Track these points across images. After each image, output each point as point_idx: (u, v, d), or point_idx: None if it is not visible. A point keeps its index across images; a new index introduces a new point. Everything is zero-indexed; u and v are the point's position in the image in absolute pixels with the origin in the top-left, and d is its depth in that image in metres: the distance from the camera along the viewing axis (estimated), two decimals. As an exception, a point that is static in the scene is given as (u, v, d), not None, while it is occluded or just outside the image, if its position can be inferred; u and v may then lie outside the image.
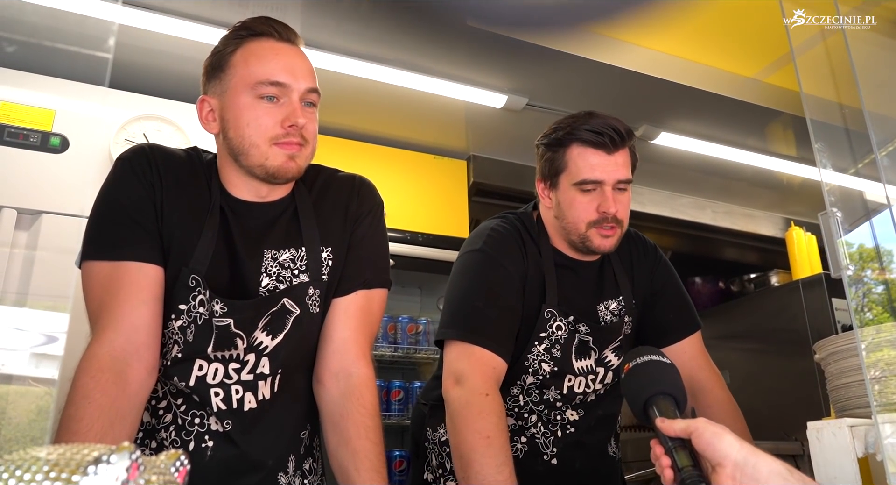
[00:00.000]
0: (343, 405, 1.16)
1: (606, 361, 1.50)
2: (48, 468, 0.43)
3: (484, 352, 1.34)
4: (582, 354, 1.47)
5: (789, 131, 3.23)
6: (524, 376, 1.45)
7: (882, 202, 1.22)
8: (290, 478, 1.19)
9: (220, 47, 1.19)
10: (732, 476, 0.78)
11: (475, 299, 1.41)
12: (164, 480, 0.48)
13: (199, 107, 1.20)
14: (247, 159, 1.14)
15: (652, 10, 2.34)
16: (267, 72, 1.12)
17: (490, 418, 1.26)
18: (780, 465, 0.77)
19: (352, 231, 1.26)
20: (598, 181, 1.40)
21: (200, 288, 1.11)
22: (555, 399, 1.47)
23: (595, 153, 1.41)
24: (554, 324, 1.44)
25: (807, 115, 1.08)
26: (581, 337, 1.47)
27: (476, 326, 1.37)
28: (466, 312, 1.40)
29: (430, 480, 1.53)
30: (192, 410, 1.13)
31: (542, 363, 1.43)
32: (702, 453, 0.83)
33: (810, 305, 3.19)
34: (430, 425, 1.56)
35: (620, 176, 1.41)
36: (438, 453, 1.53)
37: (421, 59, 2.61)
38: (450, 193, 3.30)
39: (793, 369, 3.08)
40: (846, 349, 1.21)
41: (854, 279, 1.38)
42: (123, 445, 0.45)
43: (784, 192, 3.86)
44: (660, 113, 3.05)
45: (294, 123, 1.12)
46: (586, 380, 1.48)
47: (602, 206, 1.40)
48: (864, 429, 1.03)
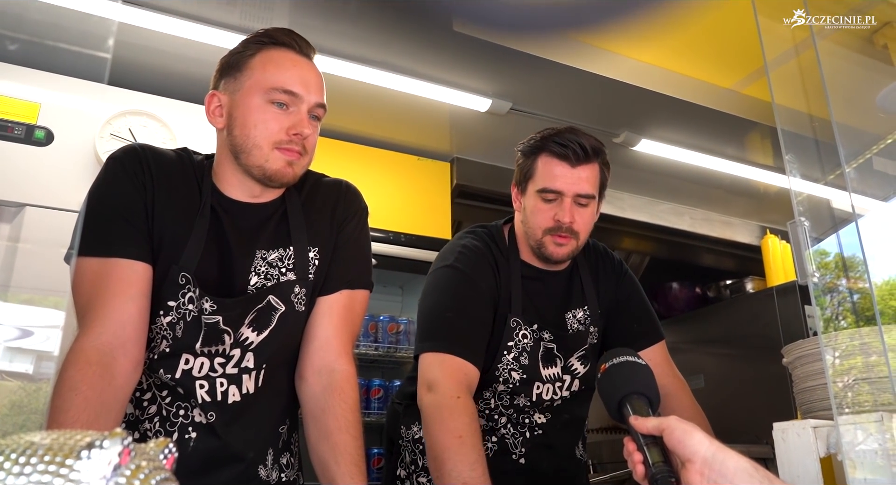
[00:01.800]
0: (325, 400, 1.19)
1: (572, 369, 1.55)
2: (43, 452, 0.44)
3: (455, 359, 1.39)
4: (548, 362, 1.52)
5: (767, 141, 3.30)
6: (495, 385, 1.50)
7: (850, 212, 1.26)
8: (268, 471, 1.22)
9: (240, 49, 1.23)
10: (701, 472, 0.82)
11: (446, 312, 1.46)
12: (154, 465, 0.50)
13: (208, 100, 1.23)
14: (247, 158, 1.17)
15: (635, 22, 2.39)
16: (282, 80, 1.17)
17: (462, 419, 1.29)
18: (747, 462, 0.80)
19: (337, 233, 1.30)
20: (558, 191, 1.47)
21: (190, 286, 1.14)
22: (524, 405, 1.52)
23: (559, 164, 1.48)
24: (520, 333, 1.49)
25: (778, 126, 1.12)
26: (546, 345, 1.52)
27: (447, 337, 1.42)
28: (438, 325, 1.45)
29: (403, 476, 1.56)
30: (176, 402, 1.15)
31: (511, 372, 1.48)
32: (672, 450, 0.86)
33: (783, 312, 3.26)
34: (404, 423, 1.60)
35: (580, 190, 1.47)
36: (412, 450, 1.56)
37: (407, 61, 2.64)
38: (433, 195, 3.33)
39: (765, 374, 3.13)
40: (812, 353, 1.25)
41: (829, 288, 1.43)
42: (116, 431, 0.46)
43: (760, 200, 3.93)
44: (641, 121, 3.10)
45: (299, 132, 1.16)
46: (553, 387, 1.53)
47: (558, 215, 1.46)
48: (827, 430, 1.08)
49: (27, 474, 0.43)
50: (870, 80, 1.81)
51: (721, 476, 0.80)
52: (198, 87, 2.65)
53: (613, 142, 3.16)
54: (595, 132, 1.53)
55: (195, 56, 2.55)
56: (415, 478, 1.54)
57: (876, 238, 1.69)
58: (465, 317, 1.45)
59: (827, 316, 1.40)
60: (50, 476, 0.43)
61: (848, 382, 1.14)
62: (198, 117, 2.52)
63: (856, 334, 1.17)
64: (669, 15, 2.34)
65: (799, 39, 1.40)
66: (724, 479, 0.79)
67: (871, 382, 1.12)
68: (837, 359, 1.15)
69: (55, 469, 0.43)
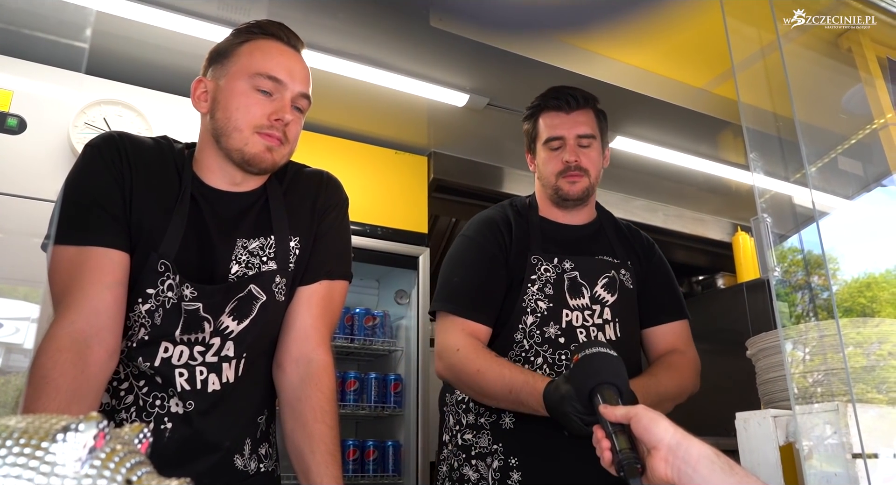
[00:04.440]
0: (301, 389, 1.20)
1: (600, 297, 1.58)
2: (18, 435, 0.44)
3: (457, 320, 1.53)
4: (575, 293, 1.56)
5: (738, 140, 3.36)
6: (524, 318, 1.54)
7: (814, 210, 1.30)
8: (245, 461, 1.22)
9: (231, 38, 1.25)
10: (665, 459, 0.85)
11: (452, 276, 1.61)
12: (129, 450, 0.51)
13: (194, 86, 1.24)
14: (227, 141, 1.18)
15: (611, 22, 2.43)
16: (268, 66, 1.19)
17: (469, 362, 1.44)
18: (709, 449, 0.84)
19: (318, 223, 1.30)
20: (560, 137, 1.61)
21: (170, 273, 1.14)
22: (556, 335, 1.53)
23: (556, 115, 1.63)
24: (541, 268, 1.57)
25: (743, 124, 1.15)
26: (568, 276, 1.57)
27: (451, 298, 1.56)
28: (445, 288, 1.60)
29: (447, 439, 1.64)
30: (153, 391, 1.15)
31: (538, 302, 1.54)
32: (639, 437, 0.90)
33: (753, 307, 3.33)
34: (449, 391, 1.68)
35: (580, 131, 1.61)
36: (455, 411, 1.63)
37: (385, 55, 2.64)
38: (410, 189, 3.34)
39: (734, 368, 3.18)
40: (773, 346, 1.29)
41: (799, 285, 1.47)
42: (91, 414, 0.47)
43: (732, 198, 4.00)
44: (616, 118, 3.13)
45: (281, 117, 1.18)
46: (583, 315, 1.55)
47: (564, 157, 1.59)
48: (786, 419, 1.12)
49: (2, 456, 0.43)
50: (835, 82, 1.86)
51: (684, 463, 0.83)
52: (175, 77, 2.63)
53: (589, 138, 3.20)
54: None
55: (173, 46, 2.53)
56: (459, 437, 1.59)
57: (843, 236, 1.74)
58: (469, 279, 1.58)
59: (798, 313, 1.44)
60: (25, 458, 0.43)
61: (806, 373, 1.18)
62: (174, 107, 2.50)
63: (815, 328, 1.21)
64: (645, 16, 2.37)
65: (766, 42, 1.43)
66: (687, 465, 0.83)
67: (828, 374, 1.16)
68: (797, 351, 1.19)
69: (30, 452, 0.43)
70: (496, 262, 1.58)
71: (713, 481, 0.80)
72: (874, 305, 1.80)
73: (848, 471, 1.00)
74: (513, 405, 1.40)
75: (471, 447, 1.55)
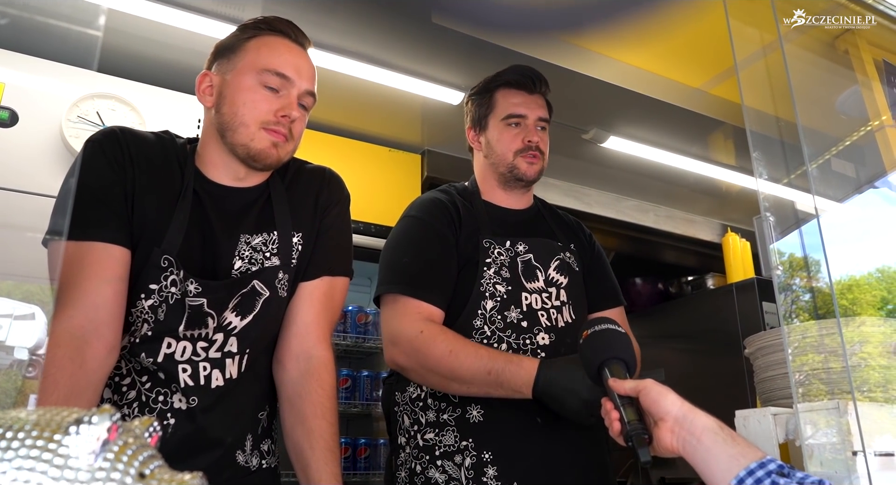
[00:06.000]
0: (302, 385, 1.20)
1: (555, 280, 1.56)
2: (30, 428, 0.43)
3: (410, 301, 1.44)
4: (530, 276, 1.54)
5: (730, 141, 3.38)
6: (483, 303, 1.48)
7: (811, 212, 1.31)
8: (247, 457, 1.21)
9: (238, 33, 1.24)
10: (672, 430, 0.90)
11: (402, 256, 1.53)
12: (140, 443, 0.50)
13: (199, 80, 1.23)
14: (233, 136, 1.17)
15: (609, 20, 2.44)
16: (276, 63, 1.19)
17: (438, 343, 1.37)
18: (714, 421, 0.88)
19: (320, 219, 1.31)
20: (522, 115, 1.60)
21: (173, 268, 1.13)
22: (518, 319, 1.49)
23: (518, 93, 1.63)
24: (494, 250, 1.53)
25: (747, 126, 1.16)
26: (521, 259, 1.54)
27: (402, 279, 1.48)
28: (394, 269, 1.52)
29: (403, 442, 1.52)
30: (156, 387, 1.14)
31: (496, 285, 1.50)
32: (647, 410, 0.94)
33: (742, 308, 3.34)
34: (398, 389, 1.56)
35: (541, 114, 1.62)
36: (411, 410, 1.52)
37: (382, 52, 2.63)
38: (404, 186, 3.33)
39: (724, 369, 3.22)
40: (773, 345, 1.30)
41: (784, 286, 1.48)
42: (104, 407, 0.46)
43: (722, 199, 4.03)
44: (610, 118, 3.15)
45: (287, 114, 1.18)
46: (541, 297, 1.53)
47: (526, 136, 1.59)
48: (786, 417, 1.12)
49: (14, 448, 0.42)
50: (831, 83, 1.88)
51: (689, 434, 0.88)
52: (169, 71, 2.61)
53: (582, 138, 3.21)
54: (565, 128, 1.61)
55: (167, 41, 2.51)
56: (419, 437, 1.49)
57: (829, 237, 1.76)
58: (419, 258, 1.51)
59: (782, 313, 1.45)
60: (38, 451, 0.43)
61: (807, 371, 1.19)
62: (167, 102, 2.48)
63: (815, 327, 1.22)
64: (643, 15, 2.38)
65: (766, 42, 1.44)
66: (692, 436, 0.87)
67: (828, 372, 1.17)
68: (797, 350, 1.20)
69: (43, 444, 0.43)
70: (447, 242, 1.52)
71: (715, 450, 0.84)
72: (855, 307, 1.82)
73: (848, 468, 1.01)
74: (488, 388, 1.33)
75: (434, 447, 1.45)
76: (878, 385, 1.17)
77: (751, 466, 0.80)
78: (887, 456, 1.08)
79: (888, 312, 1.83)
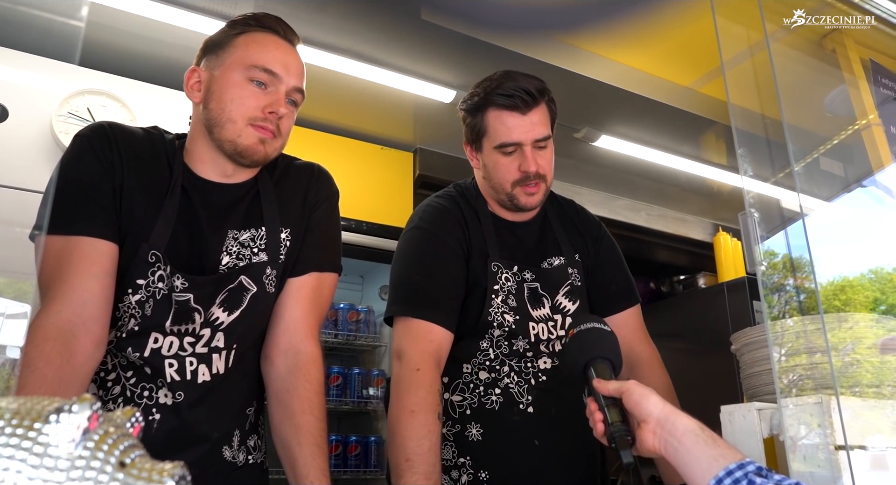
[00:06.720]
0: (289, 381, 1.20)
1: (561, 307, 1.53)
2: (10, 416, 0.43)
3: (422, 324, 1.39)
4: (536, 303, 1.50)
5: (721, 141, 3.40)
6: (491, 330, 1.47)
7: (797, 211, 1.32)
8: (234, 452, 1.21)
9: (226, 29, 1.24)
10: (654, 431, 0.91)
11: (414, 275, 1.47)
12: (121, 432, 0.50)
13: (187, 75, 1.23)
14: (220, 132, 1.17)
15: (599, 19, 2.44)
16: (264, 59, 1.19)
17: (417, 393, 1.31)
18: (695, 423, 0.90)
19: (309, 215, 1.31)
20: (517, 143, 1.45)
21: (160, 263, 1.13)
22: (524, 349, 1.48)
23: (510, 115, 1.45)
24: (502, 276, 1.48)
25: (732, 124, 1.16)
26: (529, 286, 1.50)
27: (415, 300, 1.42)
28: (407, 289, 1.46)
29: None
30: (141, 383, 1.14)
31: (504, 315, 1.46)
32: (630, 411, 0.95)
33: (733, 307, 3.36)
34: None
35: (537, 135, 1.46)
36: None
37: (373, 49, 2.63)
38: (395, 184, 3.34)
39: (714, 367, 3.23)
40: (758, 341, 1.31)
41: (777, 286, 1.49)
42: (85, 396, 0.46)
43: (714, 198, 4.04)
44: (601, 116, 3.16)
45: (275, 110, 1.18)
46: (547, 326, 1.50)
47: (523, 165, 1.45)
48: (770, 412, 1.13)
49: None
50: (818, 82, 1.89)
51: (671, 435, 0.89)
52: (159, 67, 2.60)
53: (574, 137, 3.22)
54: (556, 128, 1.56)
55: (158, 37, 2.50)
56: None
57: (820, 237, 1.77)
58: (432, 278, 1.45)
59: (774, 314, 1.46)
60: (18, 439, 0.43)
61: (791, 367, 1.20)
62: (158, 98, 2.48)
63: (800, 323, 1.23)
64: (634, 14, 2.39)
65: (753, 41, 1.45)
66: (674, 438, 0.89)
67: (815, 368, 1.18)
68: (783, 346, 1.21)
69: (23, 433, 0.43)
70: (459, 260, 1.47)
71: (696, 452, 0.86)
72: (848, 308, 1.83)
73: (831, 463, 1.02)
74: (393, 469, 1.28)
75: None
76: (871, 385, 1.18)
77: (730, 466, 0.81)
78: (878, 454, 1.09)
79: (881, 313, 1.84)
